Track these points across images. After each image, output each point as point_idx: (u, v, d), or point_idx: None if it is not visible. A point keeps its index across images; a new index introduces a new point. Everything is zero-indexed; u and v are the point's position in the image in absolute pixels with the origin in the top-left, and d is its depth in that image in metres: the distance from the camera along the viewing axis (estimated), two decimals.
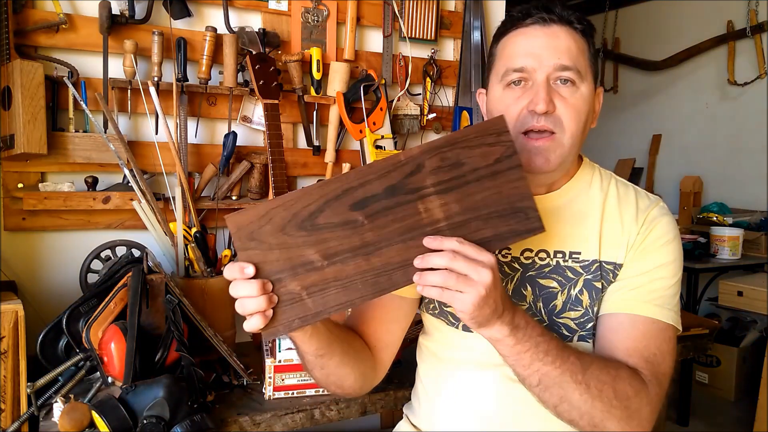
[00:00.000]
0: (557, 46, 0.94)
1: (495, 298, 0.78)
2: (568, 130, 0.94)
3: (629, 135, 4.40)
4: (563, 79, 0.94)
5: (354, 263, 0.77)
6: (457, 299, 0.76)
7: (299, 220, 0.76)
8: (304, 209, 0.76)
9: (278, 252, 0.76)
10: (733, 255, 3.11)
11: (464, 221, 0.79)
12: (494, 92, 1.00)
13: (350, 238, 0.77)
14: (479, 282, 0.75)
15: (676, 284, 0.98)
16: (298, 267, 0.77)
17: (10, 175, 1.49)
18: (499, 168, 0.80)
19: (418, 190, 0.78)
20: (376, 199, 0.77)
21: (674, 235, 0.99)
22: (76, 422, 1.08)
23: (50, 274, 1.56)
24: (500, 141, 0.80)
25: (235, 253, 1.52)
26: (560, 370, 0.84)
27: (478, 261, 0.76)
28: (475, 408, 1.02)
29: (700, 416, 3.06)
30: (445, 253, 0.76)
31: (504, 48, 0.99)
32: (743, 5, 3.58)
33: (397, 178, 0.77)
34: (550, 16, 0.95)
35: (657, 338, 0.94)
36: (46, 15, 1.49)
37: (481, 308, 0.77)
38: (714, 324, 1.86)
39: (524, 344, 0.83)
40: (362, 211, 0.77)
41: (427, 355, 1.11)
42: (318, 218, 0.76)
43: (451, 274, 0.75)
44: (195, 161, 1.69)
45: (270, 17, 1.77)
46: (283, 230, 0.76)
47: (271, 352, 1.32)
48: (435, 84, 2.03)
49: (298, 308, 0.78)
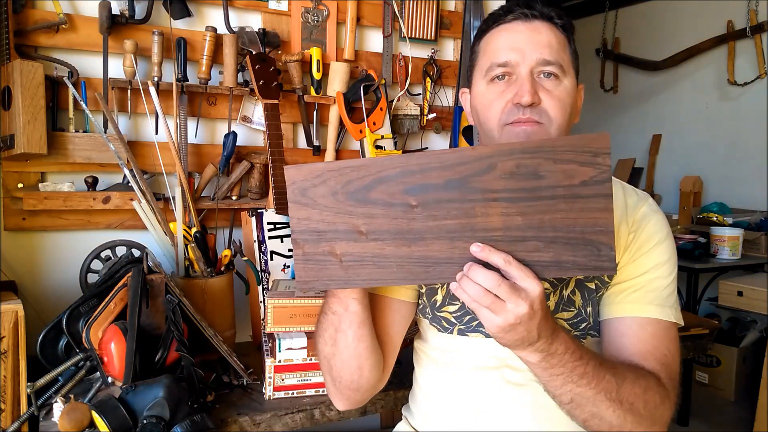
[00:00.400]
0: (539, 40, 0.94)
1: (529, 328, 0.74)
2: (555, 121, 0.94)
3: (629, 135, 4.40)
4: (546, 73, 0.94)
5: (394, 245, 0.75)
6: (484, 316, 0.74)
7: (351, 189, 0.74)
8: (358, 180, 0.74)
9: (325, 213, 0.76)
10: (733, 255, 3.11)
11: (523, 237, 0.72)
12: (478, 88, 1.00)
13: (397, 221, 0.74)
14: (512, 311, 0.72)
15: (673, 281, 0.98)
16: (341, 233, 0.76)
17: (10, 175, 1.49)
18: (582, 192, 0.70)
19: (482, 192, 0.72)
20: (434, 189, 0.73)
21: (666, 232, 1.00)
22: (76, 422, 1.08)
23: (50, 274, 1.56)
24: (595, 162, 0.69)
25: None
26: (595, 390, 0.82)
27: (520, 289, 0.72)
28: (473, 409, 1.02)
29: (700, 416, 3.06)
30: (493, 275, 0.71)
31: (487, 44, 1.00)
32: (743, 5, 3.57)
33: (462, 173, 0.72)
34: (532, 12, 0.96)
35: (665, 338, 0.95)
36: (46, 15, 1.49)
37: (507, 332, 0.74)
38: (714, 324, 1.86)
39: (558, 369, 0.81)
40: (416, 197, 0.73)
41: (423, 358, 1.11)
42: (371, 192, 0.74)
43: (488, 293, 0.72)
44: (195, 161, 1.69)
45: (270, 17, 1.77)
46: (334, 195, 0.75)
47: (271, 352, 1.32)
48: (435, 84, 2.03)
49: (332, 270, 0.78)
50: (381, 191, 0.74)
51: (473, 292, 0.72)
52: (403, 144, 2.00)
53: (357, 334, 0.93)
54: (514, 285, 0.72)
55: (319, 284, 0.79)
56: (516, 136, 0.94)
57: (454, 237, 0.74)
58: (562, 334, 0.80)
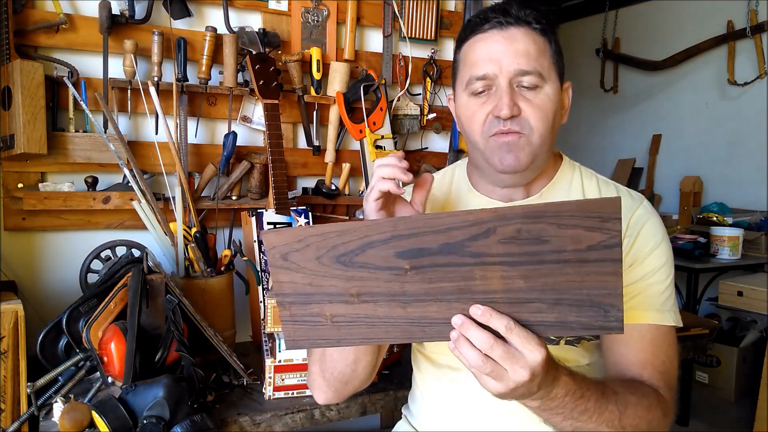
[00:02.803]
0: (516, 50, 0.93)
1: (529, 388, 0.71)
2: (537, 130, 0.94)
3: (629, 135, 4.40)
4: (525, 84, 0.94)
5: (388, 307, 0.72)
6: (482, 380, 0.71)
7: (337, 254, 0.71)
8: (343, 245, 0.70)
9: (311, 277, 0.72)
10: (733, 255, 3.11)
11: (526, 299, 0.69)
12: (460, 100, 1.00)
13: (390, 284, 0.70)
14: (511, 378, 0.69)
15: (670, 284, 0.98)
16: (329, 295, 0.73)
17: (10, 175, 1.49)
18: (590, 256, 0.66)
19: (480, 256, 0.67)
20: (428, 253, 0.69)
21: (662, 236, 0.99)
22: (76, 422, 1.08)
23: (50, 274, 1.56)
24: (604, 228, 0.65)
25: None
26: (596, 423, 0.82)
27: (519, 356, 0.69)
28: (471, 409, 1.02)
29: (700, 416, 3.06)
30: (487, 335, 0.68)
31: (466, 55, 0.99)
32: (743, 5, 3.57)
33: (457, 238, 0.67)
34: (507, 18, 0.94)
35: (664, 344, 0.95)
36: (46, 15, 1.49)
37: (506, 395, 0.72)
38: (714, 324, 1.86)
39: (558, 410, 0.79)
40: (409, 261, 0.69)
41: (421, 359, 1.11)
42: (358, 256, 0.70)
43: (488, 360, 0.69)
44: (195, 161, 1.69)
45: (270, 17, 1.77)
46: (318, 259, 0.71)
47: (271, 352, 1.32)
48: (435, 84, 2.03)
49: (324, 331, 0.75)
50: (370, 255, 0.70)
51: (472, 359, 0.69)
52: (403, 144, 2.00)
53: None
54: (510, 350, 0.69)
55: (309, 343, 0.76)
56: (499, 148, 0.94)
57: (452, 299, 0.70)
58: (563, 378, 0.78)
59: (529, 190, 1.03)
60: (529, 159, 0.95)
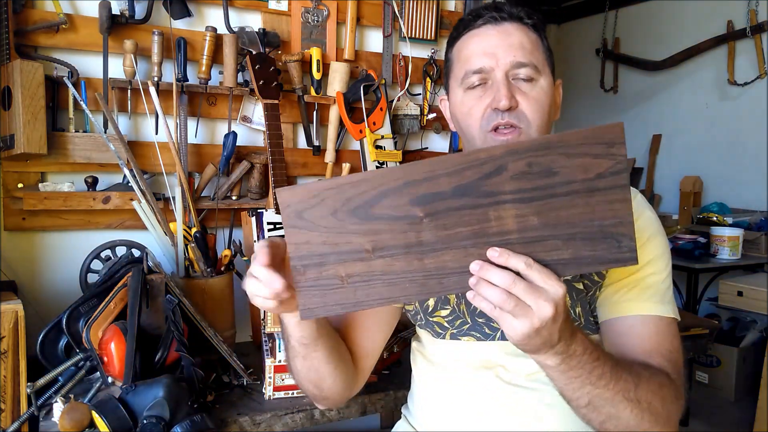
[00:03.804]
0: (511, 43, 0.94)
1: (551, 331, 0.71)
2: (534, 123, 0.94)
3: (629, 135, 4.25)
4: (521, 76, 0.94)
5: (405, 260, 0.71)
6: (506, 323, 0.70)
7: (353, 206, 0.70)
8: (359, 196, 0.70)
9: (326, 235, 0.71)
10: (733, 255, 3.11)
11: (540, 237, 0.69)
12: (456, 96, 1.00)
13: (405, 234, 0.70)
14: (536, 314, 0.68)
15: (668, 277, 0.98)
16: (345, 253, 0.71)
17: (10, 175, 1.49)
18: (599, 184, 0.68)
19: (493, 195, 0.68)
20: (442, 197, 0.69)
21: (657, 227, 0.99)
22: (76, 422, 1.08)
23: (50, 274, 1.56)
24: (610, 153, 0.68)
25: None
26: (613, 391, 0.80)
27: (542, 290, 0.68)
28: (469, 409, 1.02)
29: (700, 416, 3.06)
30: (507, 273, 0.68)
31: (460, 52, 0.99)
32: (743, 5, 3.57)
33: (470, 178, 0.68)
34: (501, 14, 0.95)
35: (668, 334, 0.94)
36: (46, 15, 1.49)
37: (531, 338, 0.70)
38: (714, 324, 1.86)
39: (576, 371, 0.78)
40: (423, 208, 0.69)
41: (420, 359, 1.11)
42: (374, 208, 0.70)
43: (511, 296, 0.68)
44: (195, 161, 1.69)
45: (270, 17, 1.77)
46: (334, 214, 0.70)
47: (271, 352, 1.32)
48: (435, 84, 2.03)
49: (340, 294, 0.73)
50: (385, 205, 0.69)
51: (495, 296, 0.68)
52: (403, 144, 2.00)
53: (320, 355, 0.93)
54: (533, 285, 0.69)
55: (326, 310, 0.75)
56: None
57: (468, 245, 0.70)
58: (580, 334, 0.78)
59: None
60: None
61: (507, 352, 0.98)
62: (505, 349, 0.98)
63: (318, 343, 0.91)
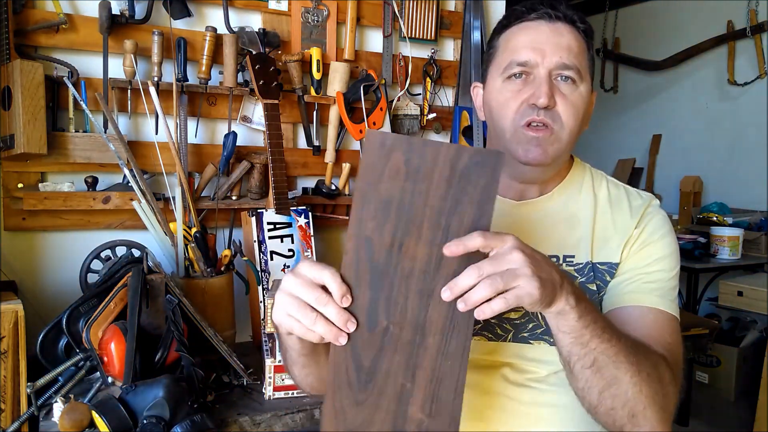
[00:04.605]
0: (560, 43, 0.94)
1: (543, 268, 0.69)
2: (567, 126, 0.94)
3: (629, 135, 4.40)
4: (564, 77, 0.94)
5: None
6: (521, 296, 0.67)
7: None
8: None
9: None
10: (733, 255, 3.11)
11: (443, 225, 0.68)
12: (494, 84, 0.99)
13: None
14: (517, 267, 0.67)
15: (674, 277, 0.98)
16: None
17: (10, 175, 1.49)
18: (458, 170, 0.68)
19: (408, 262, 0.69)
20: (394, 306, 0.69)
21: (669, 229, 1.00)
22: (76, 422, 1.08)
23: (50, 274, 1.56)
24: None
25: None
26: (616, 348, 0.79)
27: (497, 250, 0.67)
28: (470, 409, 1.02)
29: (700, 416, 3.06)
30: (467, 270, 0.67)
31: (507, 41, 0.99)
32: (743, 5, 3.58)
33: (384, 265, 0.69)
34: (556, 13, 0.95)
35: (668, 328, 0.94)
36: (46, 15, 1.49)
37: (544, 286, 0.69)
38: (714, 324, 1.87)
39: (586, 318, 0.76)
40: (386, 318, 0.69)
41: None
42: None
43: (491, 277, 0.66)
44: (195, 161, 1.69)
45: (270, 17, 1.77)
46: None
47: (271, 352, 1.32)
48: (435, 84, 2.03)
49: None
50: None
51: (484, 290, 0.66)
52: None
53: (318, 362, 0.91)
54: (489, 255, 0.68)
55: None
56: (528, 141, 0.93)
57: (427, 302, 0.69)
58: (567, 275, 0.77)
59: (543, 188, 1.03)
60: (555, 154, 0.95)
61: (515, 353, 0.98)
62: (514, 350, 0.98)
63: (318, 353, 0.91)
